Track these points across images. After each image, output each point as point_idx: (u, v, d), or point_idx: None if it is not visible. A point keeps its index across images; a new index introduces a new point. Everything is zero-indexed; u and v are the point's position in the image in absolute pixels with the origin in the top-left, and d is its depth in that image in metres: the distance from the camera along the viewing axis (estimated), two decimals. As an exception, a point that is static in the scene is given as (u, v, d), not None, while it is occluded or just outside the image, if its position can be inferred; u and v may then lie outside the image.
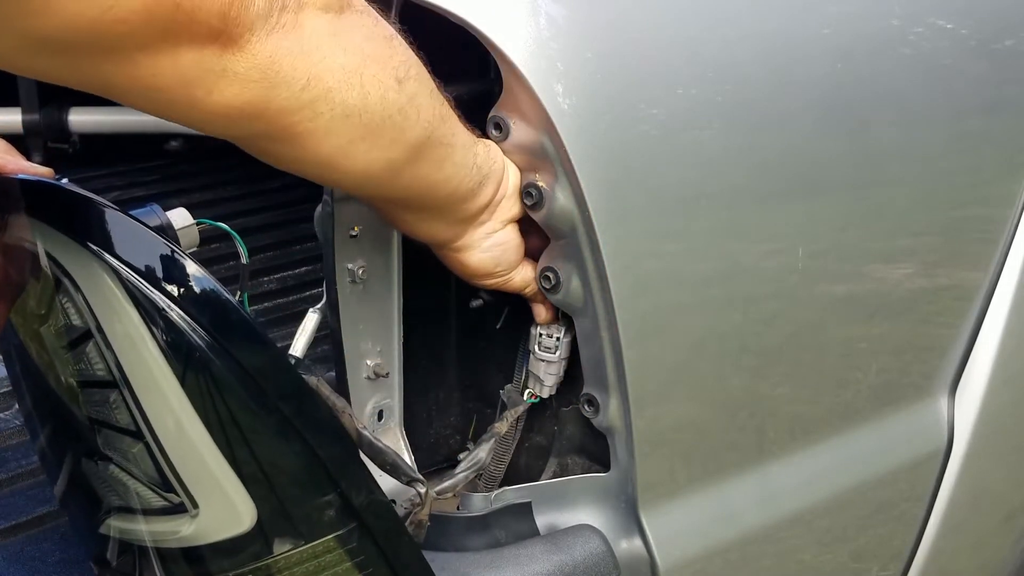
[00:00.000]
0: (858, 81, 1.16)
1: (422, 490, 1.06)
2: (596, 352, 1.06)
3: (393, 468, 1.06)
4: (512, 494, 1.14)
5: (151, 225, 0.89)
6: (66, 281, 0.87)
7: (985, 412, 1.41)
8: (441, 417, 1.30)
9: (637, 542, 1.12)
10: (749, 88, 1.08)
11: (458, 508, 1.14)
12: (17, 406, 1.42)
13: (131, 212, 0.89)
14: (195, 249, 0.97)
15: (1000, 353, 1.40)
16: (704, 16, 1.06)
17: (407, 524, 1.06)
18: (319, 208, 1.08)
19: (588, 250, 1.01)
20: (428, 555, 1.00)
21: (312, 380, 0.99)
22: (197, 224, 0.99)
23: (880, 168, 1.20)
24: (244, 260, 1.05)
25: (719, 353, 1.13)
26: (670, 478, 1.15)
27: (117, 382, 0.87)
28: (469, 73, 1.11)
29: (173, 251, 0.86)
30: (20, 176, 0.92)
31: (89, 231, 0.86)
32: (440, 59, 1.10)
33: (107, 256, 0.85)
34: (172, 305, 0.84)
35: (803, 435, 1.26)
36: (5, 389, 1.44)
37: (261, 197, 1.97)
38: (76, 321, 0.88)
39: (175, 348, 0.85)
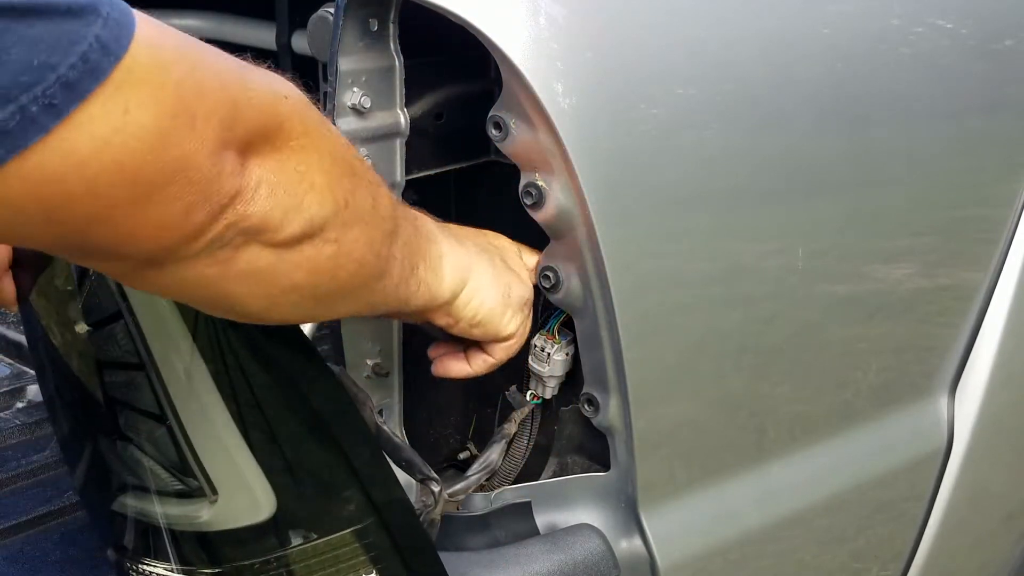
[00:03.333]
0: (858, 81, 1.16)
1: (436, 489, 1.06)
2: (596, 352, 1.06)
3: (409, 465, 1.06)
4: (512, 494, 1.14)
5: None
6: None
7: (985, 412, 1.41)
8: (441, 417, 1.30)
9: (637, 541, 1.12)
10: (749, 88, 1.08)
11: (458, 508, 1.14)
12: (18, 404, 1.42)
13: None
14: None
15: (1000, 353, 1.40)
16: (704, 16, 1.06)
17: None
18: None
19: (588, 250, 1.01)
20: (428, 555, 1.00)
21: (335, 370, 0.99)
22: None
23: (880, 168, 1.20)
24: None
25: (719, 353, 1.13)
26: (670, 478, 1.15)
27: (142, 363, 0.88)
28: (469, 73, 1.11)
29: None
30: None
31: None
32: (440, 59, 1.10)
33: None
34: None
35: (803, 435, 1.26)
36: (5, 389, 1.44)
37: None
38: (102, 298, 0.88)
39: (202, 332, 0.86)
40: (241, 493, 0.90)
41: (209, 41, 0.76)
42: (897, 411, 1.35)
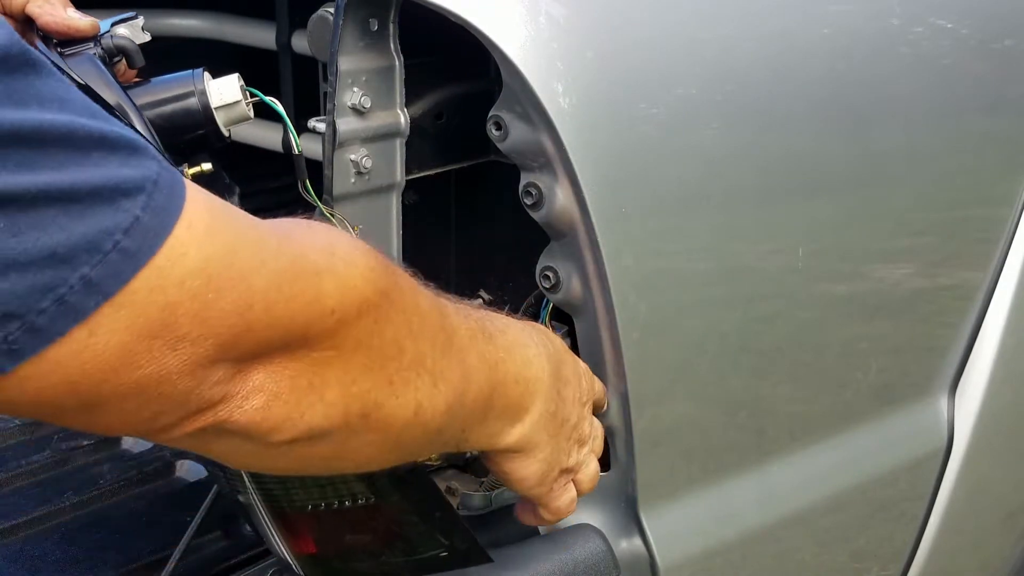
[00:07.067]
0: (858, 81, 1.16)
1: None
2: (596, 352, 1.06)
3: None
4: (512, 494, 1.14)
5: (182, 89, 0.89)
6: None
7: (985, 412, 1.41)
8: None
9: (637, 541, 1.12)
10: (749, 88, 1.08)
11: (458, 508, 1.14)
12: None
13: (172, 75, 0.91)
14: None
15: (1000, 353, 1.40)
16: (704, 16, 1.06)
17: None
18: (316, 213, 1.08)
19: (588, 250, 1.01)
20: (428, 555, 1.00)
21: None
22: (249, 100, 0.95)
23: (880, 168, 1.20)
24: (296, 151, 1.01)
25: (719, 353, 1.13)
26: (670, 478, 1.15)
27: None
28: (469, 73, 1.11)
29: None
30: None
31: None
32: (440, 59, 1.10)
33: None
34: None
35: (803, 435, 1.26)
36: (5, 389, 1.44)
37: (262, 197, 1.97)
38: None
39: None
40: None
41: (209, 42, 0.75)
42: (897, 411, 1.35)
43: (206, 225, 0.61)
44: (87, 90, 0.86)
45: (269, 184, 1.96)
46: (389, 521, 0.96)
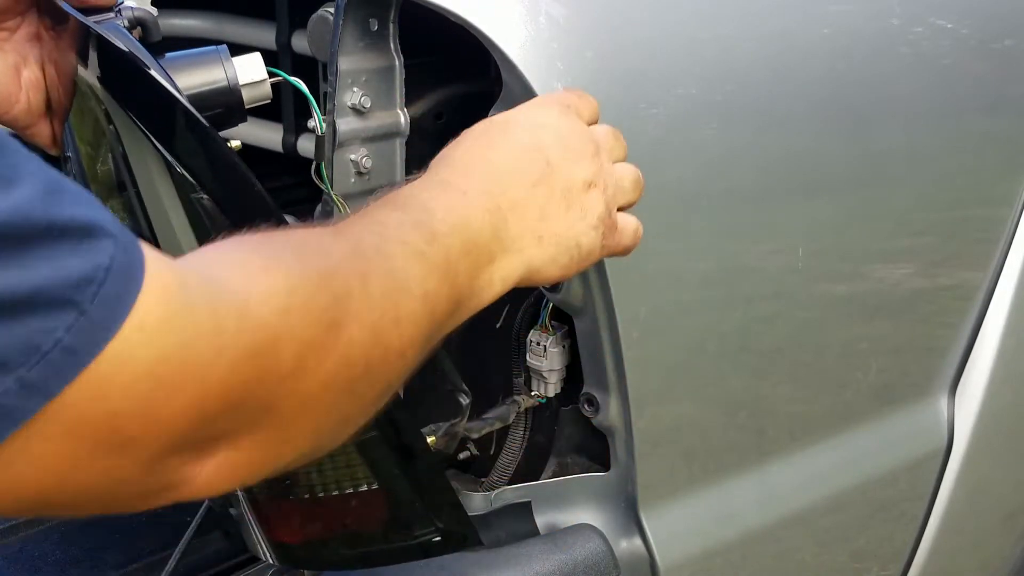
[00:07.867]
0: (858, 81, 1.16)
1: (465, 401, 1.06)
2: (596, 352, 1.06)
3: (441, 374, 1.05)
4: (512, 494, 1.14)
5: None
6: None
7: (985, 412, 1.41)
8: (441, 417, 1.29)
9: (637, 541, 1.12)
10: (749, 88, 1.08)
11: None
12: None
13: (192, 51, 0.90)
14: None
15: (1000, 353, 1.40)
16: (704, 16, 1.06)
17: (442, 435, 1.09)
18: (319, 208, 1.08)
19: (588, 250, 1.01)
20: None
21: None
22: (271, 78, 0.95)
23: (880, 168, 1.20)
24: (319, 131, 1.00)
25: (719, 353, 1.13)
26: (670, 478, 1.15)
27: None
28: (469, 73, 1.11)
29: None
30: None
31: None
32: (440, 59, 1.10)
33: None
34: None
35: (803, 435, 1.26)
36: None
37: (261, 197, 1.97)
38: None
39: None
40: None
41: (208, 41, 0.75)
42: (897, 411, 1.35)
43: (159, 319, 0.56)
44: (128, 56, 0.85)
45: (269, 184, 1.95)
46: (386, 502, 0.96)
